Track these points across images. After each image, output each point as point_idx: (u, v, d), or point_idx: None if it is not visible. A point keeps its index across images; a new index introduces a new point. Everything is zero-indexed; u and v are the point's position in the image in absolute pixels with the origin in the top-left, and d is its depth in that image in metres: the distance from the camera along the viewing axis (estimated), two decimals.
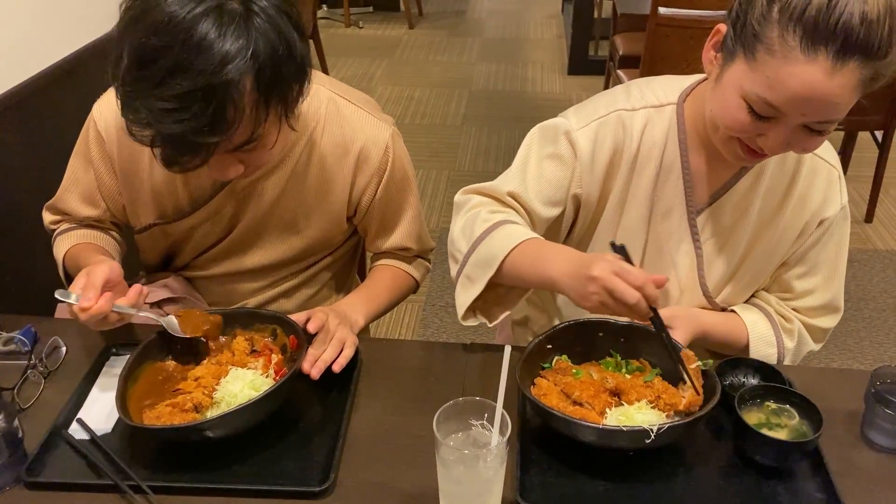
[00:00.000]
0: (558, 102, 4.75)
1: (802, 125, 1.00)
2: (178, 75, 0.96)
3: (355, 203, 1.35)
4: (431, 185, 3.69)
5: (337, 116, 1.29)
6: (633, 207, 1.23)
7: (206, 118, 0.98)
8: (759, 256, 1.24)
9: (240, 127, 1.02)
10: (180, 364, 1.14)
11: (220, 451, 1.03)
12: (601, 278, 0.98)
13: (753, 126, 1.02)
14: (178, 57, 0.96)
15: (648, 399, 1.05)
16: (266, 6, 1.02)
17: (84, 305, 1.05)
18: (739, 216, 1.21)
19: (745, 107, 1.01)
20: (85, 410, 1.10)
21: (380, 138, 1.30)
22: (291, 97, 1.08)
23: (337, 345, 1.14)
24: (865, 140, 3.56)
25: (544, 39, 5.96)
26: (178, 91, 0.96)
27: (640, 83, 1.25)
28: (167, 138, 1.02)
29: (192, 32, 0.96)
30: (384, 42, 5.84)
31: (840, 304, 1.29)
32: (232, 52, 0.97)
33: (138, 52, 0.98)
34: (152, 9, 0.98)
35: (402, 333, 2.71)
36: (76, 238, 1.35)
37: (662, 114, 1.20)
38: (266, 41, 1.00)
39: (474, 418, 0.90)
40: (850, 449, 1.07)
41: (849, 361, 2.54)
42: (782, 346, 1.25)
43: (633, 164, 1.21)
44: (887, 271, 3.04)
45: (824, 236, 1.22)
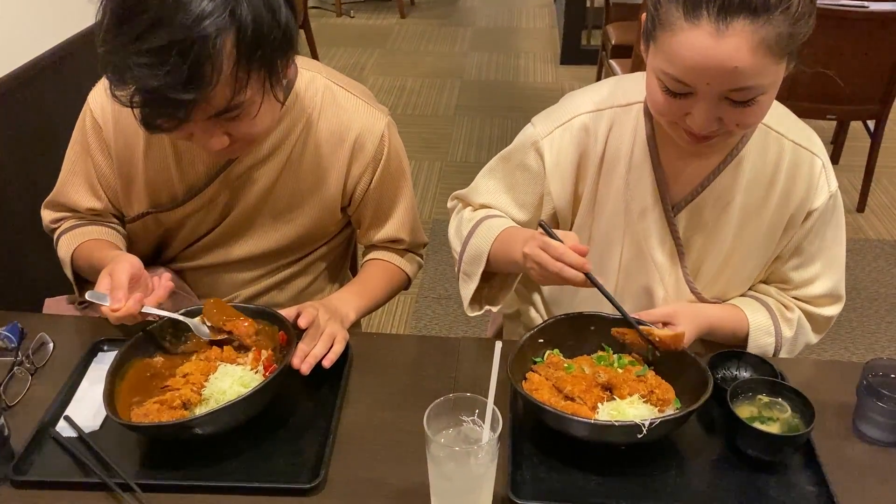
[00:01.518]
0: (551, 92, 4.74)
1: (723, 98, 0.99)
2: (156, 29, 0.97)
3: (350, 192, 1.34)
4: (424, 175, 3.68)
5: (333, 104, 1.28)
6: (607, 209, 1.23)
7: (182, 73, 0.97)
8: (746, 250, 1.22)
9: (218, 87, 1.01)
10: (168, 360, 1.13)
11: (210, 449, 1.02)
12: (530, 255, 1.07)
13: (675, 106, 1.02)
14: (156, 12, 0.97)
15: (641, 393, 1.05)
16: None
17: (115, 307, 1.06)
18: (721, 211, 1.19)
19: (660, 87, 1.02)
20: (72, 408, 1.09)
21: (375, 127, 1.29)
22: (276, 67, 1.07)
23: (327, 340, 1.13)
24: (858, 129, 3.56)
25: (536, 29, 5.93)
26: (155, 44, 0.96)
27: (610, 82, 1.25)
28: (144, 95, 1.01)
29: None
30: (375, 31, 5.81)
31: (842, 292, 1.29)
32: (209, 9, 0.97)
33: (117, 9, 0.99)
34: None
35: (395, 325, 2.71)
36: (82, 235, 1.32)
37: (629, 113, 1.19)
38: (248, 4, 1.00)
39: (465, 414, 0.89)
40: (842, 442, 1.07)
41: (840, 351, 2.55)
42: (780, 336, 1.24)
43: (600, 167, 1.21)
44: (879, 261, 3.05)
45: (816, 225, 1.20)
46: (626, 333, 1.13)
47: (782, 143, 1.17)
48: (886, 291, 2.88)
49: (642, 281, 1.24)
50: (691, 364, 1.07)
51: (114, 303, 1.07)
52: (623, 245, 1.24)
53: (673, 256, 1.23)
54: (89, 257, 1.28)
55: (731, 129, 1.04)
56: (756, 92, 0.99)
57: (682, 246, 1.22)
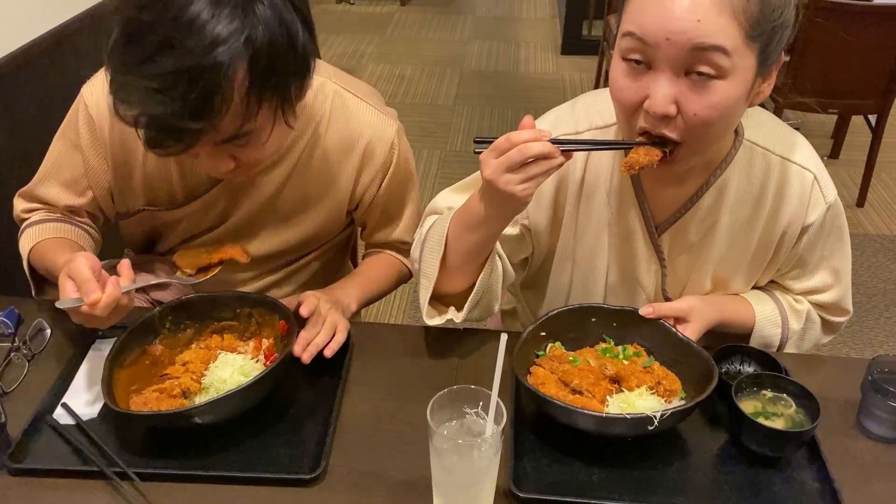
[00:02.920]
0: (551, 83, 4.72)
1: (682, 74, 0.94)
2: (165, 53, 0.92)
3: (358, 198, 1.31)
4: (423, 164, 3.66)
5: (343, 111, 1.24)
6: (589, 233, 1.20)
7: (190, 102, 0.93)
8: (733, 269, 1.20)
9: (227, 116, 0.97)
10: (168, 348, 1.11)
11: (209, 438, 1.01)
12: (491, 172, 0.97)
13: (633, 86, 0.97)
14: (167, 34, 0.92)
15: (648, 385, 1.04)
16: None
17: (93, 299, 0.97)
18: (706, 232, 1.16)
19: (623, 67, 0.98)
20: (70, 395, 1.08)
21: (386, 134, 1.26)
22: (290, 93, 1.02)
23: (329, 329, 1.12)
24: (859, 124, 3.55)
25: (537, 18, 5.90)
26: (164, 70, 0.92)
27: (587, 100, 1.19)
28: (150, 119, 0.97)
29: (184, 10, 0.92)
30: (375, 19, 5.78)
31: (848, 306, 1.26)
32: (224, 35, 0.92)
33: (128, 27, 0.94)
34: None
35: (394, 315, 2.70)
36: (46, 231, 1.25)
37: (607, 134, 1.14)
38: (265, 28, 0.95)
39: (468, 407, 0.88)
40: (847, 438, 1.06)
41: (839, 346, 2.55)
42: (787, 328, 1.22)
43: (580, 192, 1.17)
44: (878, 256, 3.05)
45: (816, 238, 1.17)
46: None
47: (769, 160, 1.12)
48: (885, 287, 2.88)
49: (628, 302, 1.22)
50: (695, 354, 1.07)
51: (90, 295, 0.97)
52: (608, 269, 1.22)
53: (658, 278, 1.21)
54: (43, 257, 1.21)
55: (692, 119, 0.96)
56: (718, 66, 0.92)
57: (666, 268, 1.20)
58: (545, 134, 0.95)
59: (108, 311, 0.99)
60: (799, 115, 3.91)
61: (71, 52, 1.96)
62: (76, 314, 1.02)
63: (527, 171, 0.96)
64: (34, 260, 1.24)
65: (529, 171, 0.96)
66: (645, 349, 1.13)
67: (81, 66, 2.01)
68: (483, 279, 1.13)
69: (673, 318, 1.14)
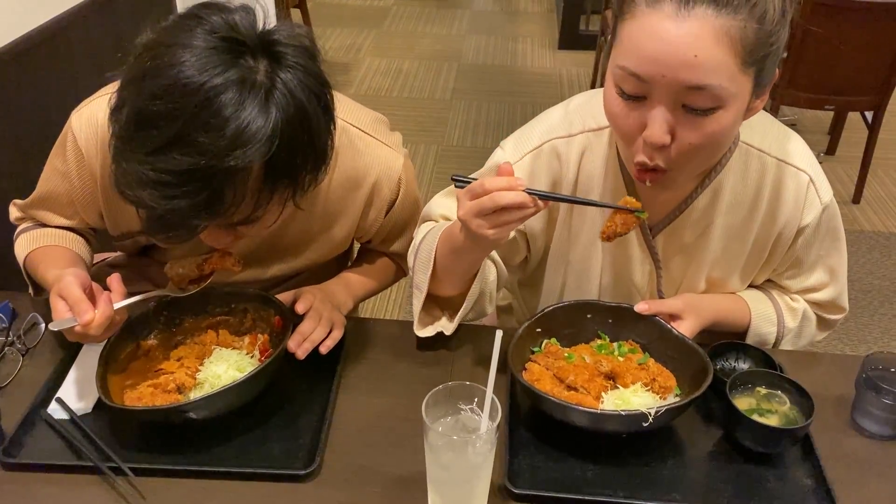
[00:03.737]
0: (548, 77, 4.72)
1: (679, 104, 0.93)
2: (178, 148, 0.86)
3: (363, 231, 1.28)
4: (419, 159, 3.66)
5: (350, 149, 1.19)
6: (583, 234, 1.19)
7: (200, 199, 0.88)
8: (729, 270, 1.20)
9: (238, 209, 0.93)
10: (163, 343, 1.11)
11: (203, 433, 1.01)
12: (464, 213, 0.97)
13: (631, 116, 0.96)
14: (183, 128, 0.86)
15: (643, 382, 1.04)
16: (295, 86, 0.91)
17: (87, 319, 0.96)
18: (701, 233, 1.16)
19: (617, 93, 0.96)
20: (64, 389, 1.08)
21: (393, 171, 1.22)
22: (304, 183, 0.98)
23: (326, 325, 1.12)
24: (855, 121, 3.56)
25: (535, 13, 5.89)
26: (175, 166, 0.86)
27: (581, 101, 1.18)
28: (153, 210, 0.91)
29: (204, 105, 0.86)
30: (372, 12, 5.76)
31: (845, 304, 1.26)
32: (244, 137, 0.86)
33: (139, 113, 0.88)
34: (166, 67, 0.87)
35: (389, 310, 2.70)
36: (41, 238, 1.22)
37: (601, 138, 1.14)
38: (287, 125, 0.89)
39: (463, 403, 0.89)
40: (840, 435, 1.06)
41: (834, 342, 2.55)
42: (783, 326, 1.22)
43: (574, 194, 1.17)
44: (873, 252, 3.06)
45: (812, 239, 1.17)
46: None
47: (764, 161, 1.12)
48: (880, 283, 2.89)
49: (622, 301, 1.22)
50: (691, 351, 1.07)
51: (83, 315, 0.96)
52: (602, 270, 1.21)
53: (652, 279, 1.21)
54: (36, 268, 1.19)
55: (688, 150, 0.95)
56: (715, 98, 0.91)
57: (661, 269, 1.20)
58: (520, 183, 0.95)
59: (103, 330, 0.98)
60: (795, 111, 3.92)
61: (65, 46, 1.95)
62: (71, 333, 1.00)
63: (498, 217, 0.95)
64: (29, 266, 1.22)
65: (501, 218, 0.95)
66: (640, 346, 1.13)
67: (76, 59, 2.00)
68: (474, 291, 1.14)
69: (668, 315, 1.13)
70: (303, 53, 0.94)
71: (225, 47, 0.88)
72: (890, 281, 2.90)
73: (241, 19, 0.91)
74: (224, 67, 0.87)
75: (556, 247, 1.22)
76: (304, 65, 0.93)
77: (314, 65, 0.95)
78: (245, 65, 0.89)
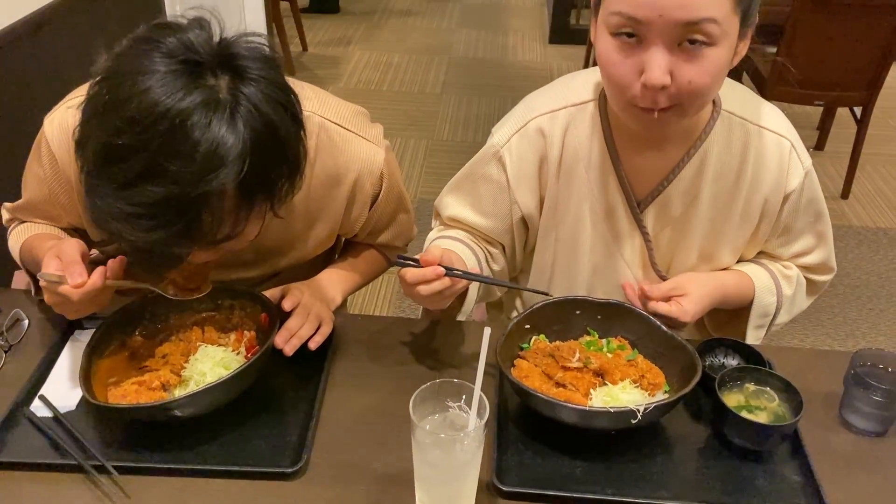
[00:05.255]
0: (539, 72, 4.71)
1: (675, 45, 0.96)
2: (150, 180, 0.83)
3: (347, 227, 1.27)
4: (410, 153, 3.64)
5: (329, 146, 1.16)
6: (570, 211, 1.21)
7: (179, 227, 0.86)
8: (719, 240, 1.21)
9: (218, 230, 0.91)
10: (148, 340, 1.10)
11: (189, 431, 1.00)
12: (405, 291, 1.05)
13: (628, 62, 0.98)
14: (152, 159, 0.83)
15: (632, 378, 1.04)
16: (260, 99, 0.88)
17: (78, 282, 0.94)
18: (689, 204, 1.17)
19: (613, 43, 0.99)
20: (48, 387, 1.06)
21: (375, 165, 1.20)
22: (281, 193, 0.96)
23: (314, 322, 1.11)
24: (845, 116, 3.57)
25: (525, 7, 5.88)
26: (149, 198, 0.84)
27: (565, 79, 1.22)
28: (131, 243, 0.90)
29: (171, 133, 0.83)
30: (362, 5, 5.73)
31: (833, 264, 1.29)
32: (216, 160, 0.84)
33: (106, 148, 0.85)
34: (126, 99, 0.84)
35: (378, 305, 2.69)
36: (36, 228, 1.22)
37: (584, 112, 1.16)
38: (256, 141, 0.87)
39: (452, 400, 0.88)
40: (828, 431, 1.07)
41: (822, 337, 2.57)
42: (781, 294, 1.24)
43: (559, 169, 1.18)
44: (861, 248, 3.07)
45: (798, 205, 1.19)
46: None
47: (747, 129, 1.14)
48: (868, 279, 2.90)
49: (614, 280, 1.23)
50: (679, 348, 1.06)
51: (75, 278, 0.95)
52: (591, 245, 1.22)
53: (643, 253, 1.21)
54: (31, 248, 1.17)
55: (687, 87, 0.98)
56: (709, 35, 0.94)
57: (651, 242, 1.20)
58: (438, 272, 1.01)
59: (86, 299, 0.97)
60: (785, 106, 3.92)
61: (50, 38, 1.93)
62: (51, 294, 0.99)
63: (430, 299, 1.03)
64: (25, 254, 1.20)
65: (431, 299, 1.03)
66: (629, 342, 1.12)
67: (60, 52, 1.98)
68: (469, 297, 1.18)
69: (671, 295, 1.14)
70: (264, 64, 0.90)
71: (184, 70, 0.85)
72: (878, 276, 2.92)
73: (196, 37, 0.87)
74: (186, 91, 0.84)
75: (545, 223, 1.24)
76: (267, 76, 0.90)
77: (276, 74, 0.92)
78: (207, 84, 0.85)
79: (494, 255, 1.27)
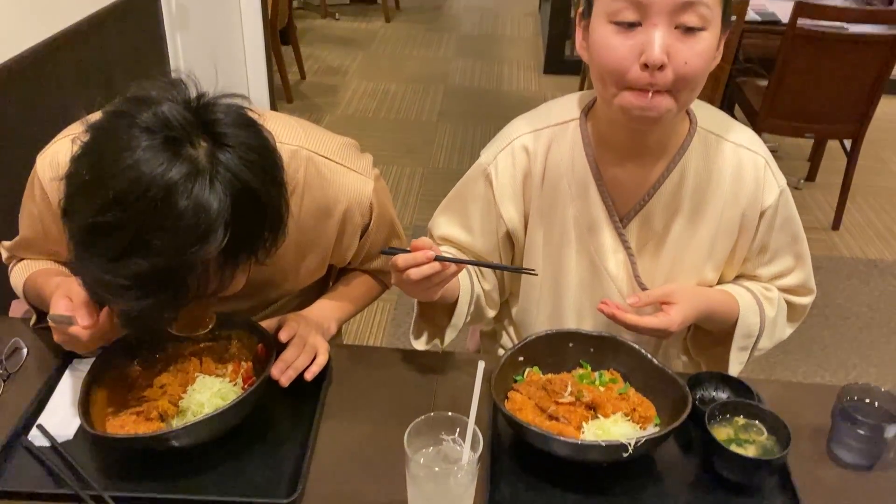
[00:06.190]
0: (533, 101, 4.72)
1: (671, 27, 1.01)
2: (137, 253, 0.85)
3: (337, 257, 1.29)
4: (405, 181, 3.67)
5: (318, 179, 1.18)
6: (555, 227, 1.24)
7: (166, 295, 0.89)
8: (701, 255, 1.23)
9: (204, 291, 0.94)
10: (146, 370, 1.11)
11: (186, 461, 1.01)
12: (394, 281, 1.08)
13: (628, 45, 1.02)
14: (138, 234, 0.84)
15: (624, 412, 1.06)
16: (238, 166, 0.88)
17: (87, 324, 0.98)
18: (670, 218, 1.21)
19: (612, 29, 1.03)
20: (46, 416, 1.07)
21: (364, 196, 1.21)
22: (265, 249, 0.97)
23: (310, 352, 1.12)
24: (835, 148, 3.62)
25: (521, 37, 5.95)
26: (136, 270, 0.85)
27: (548, 103, 1.28)
28: (121, 310, 0.93)
29: (155, 208, 0.84)
30: (360, 35, 5.80)
31: (812, 286, 1.31)
32: (200, 231, 0.85)
33: (92, 225, 0.86)
34: (108, 178, 0.84)
35: (373, 332, 2.70)
36: (39, 264, 1.24)
37: (566, 130, 1.21)
38: (237, 208, 0.87)
39: (446, 433, 0.90)
40: (817, 465, 1.08)
41: (813, 368, 2.58)
42: (764, 315, 1.25)
43: (542, 185, 1.22)
44: (852, 279, 3.10)
45: (774, 222, 1.22)
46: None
47: (722, 145, 1.19)
48: (859, 309, 2.92)
49: (600, 293, 1.25)
50: (670, 381, 1.08)
51: (85, 318, 0.98)
52: (577, 260, 1.25)
53: (627, 267, 1.24)
54: (35, 284, 1.19)
55: (683, 69, 1.02)
56: (702, 18, 1.01)
57: (634, 256, 1.23)
58: (429, 255, 1.02)
59: (95, 340, 1.00)
60: (777, 138, 3.98)
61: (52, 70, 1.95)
62: (60, 333, 1.02)
63: (419, 285, 1.04)
64: (29, 289, 1.21)
65: (421, 285, 1.05)
66: (621, 374, 1.14)
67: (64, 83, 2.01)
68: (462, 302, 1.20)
69: (660, 302, 1.17)
70: (242, 128, 0.91)
71: (162, 145, 0.85)
72: (868, 307, 2.94)
73: (170, 110, 0.87)
74: (167, 166, 0.84)
75: (531, 238, 1.27)
76: (246, 141, 0.90)
77: (255, 136, 0.92)
78: (186, 155, 0.86)
79: (485, 274, 1.31)
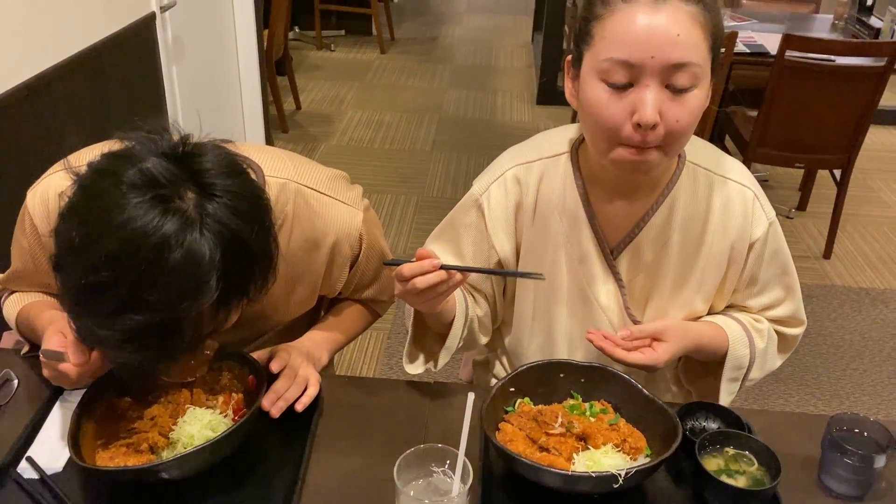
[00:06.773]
0: (526, 132, 4.75)
1: (664, 87, 1.02)
2: (131, 309, 0.85)
3: (327, 288, 1.30)
4: (399, 210, 3.69)
5: (307, 211, 1.19)
6: (547, 257, 1.25)
7: (161, 347, 0.91)
8: (690, 286, 1.24)
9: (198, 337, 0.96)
10: (136, 402, 1.11)
11: (176, 493, 1.01)
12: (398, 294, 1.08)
13: (621, 104, 1.03)
14: (131, 291, 0.85)
15: (614, 443, 1.06)
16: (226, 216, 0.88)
17: (79, 361, 0.99)
18: (660, 250, 1.22)
19: (604, 88, 1.04)
20: (35, 448, 1.07)
21: (353, 228, 1.22)
22: (254, 291, 0.97)
23: (301, 383, 1.13)
24: (825, 178, 3.65)
25: (514, 68, 6.02)
26: (131, 325, 0.86)
27: (541, 135, 1.29)
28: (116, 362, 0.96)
29: (147, 265, 0.84)
30: (355, 66, 5.86)
31: (803, 317, 1.32)
32: (192, 285, 0.86)
33: (85, 284, 0.86)
34: (98, 238, 0.85)
35: (366, 362, 2.69)
36: (32, 296, 1.25)
37: (557, 164, 1.22)
38: (227, 258, 0.88)
39: (436, 465, 0.90)
40: (807, 495, 1.08)
41: (806, 397, 2.58)
42: (753, 347, 1.26)
43: (534, 217, 1.24)
44: (844, 308, 3.11)
45: (763, 254, 1.23)
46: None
47: (711, 179, 1.20)
48: (851, 338, 2.93)
49: (590, 323, 1.26)
50: (660, 411, 1.08)
51: (78, 356, 0.99)
52: (568, 291, 1.26)
53: (618, 298, 1.25)
54: (28, 318, 1.20)
55: (674, 126, 1.03)
56: (693, 77, 1.02)
57: (624, 287, 1.24)
58: (434, 264, 1.03)
59: (86, 377, 1.01)
60: (768, 168, 4.02)
61: (47, 102, 1.97)
62: (50, 368, 1.02)
63: (424, 294, 1.05)
64: (21, 321, 1.22)
65: (426, 294, 1.05)
66: (612, 405, 1.14)
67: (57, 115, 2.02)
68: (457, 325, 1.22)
69: (649, 338, 1.17)
70: (229, 176, 0.91)
71: (150, 203, 0.85)
72: (860, 336, 2.95)
73: (155, 166, 0.87)
74: (157, 223, 0.84)
75: (522, 267, 1.28)
76: (234, 189, 0.90)
77: (243, 183, 0.93)
78: (174, 208, 0.86)
79: (478, 300, 1.31)
